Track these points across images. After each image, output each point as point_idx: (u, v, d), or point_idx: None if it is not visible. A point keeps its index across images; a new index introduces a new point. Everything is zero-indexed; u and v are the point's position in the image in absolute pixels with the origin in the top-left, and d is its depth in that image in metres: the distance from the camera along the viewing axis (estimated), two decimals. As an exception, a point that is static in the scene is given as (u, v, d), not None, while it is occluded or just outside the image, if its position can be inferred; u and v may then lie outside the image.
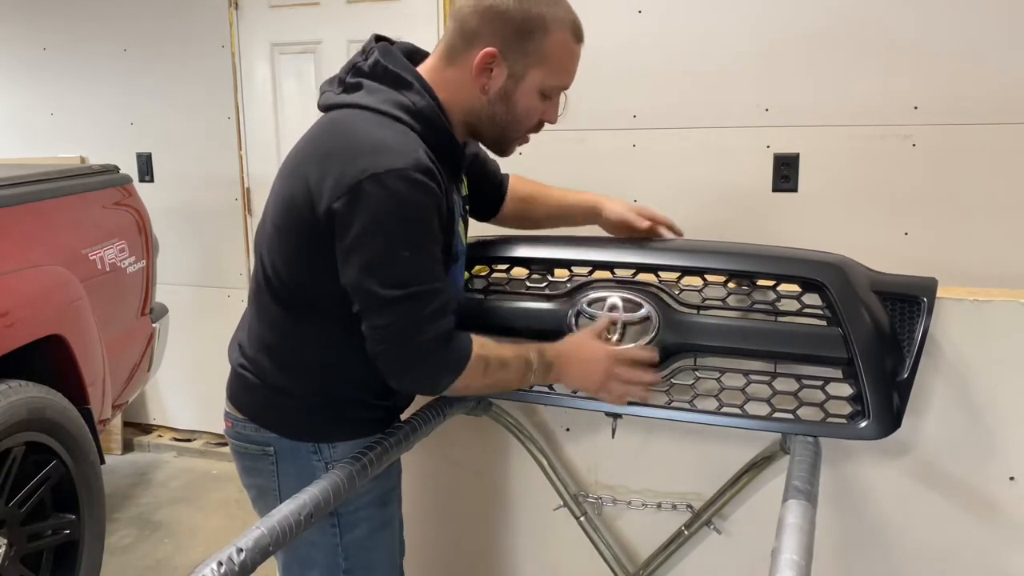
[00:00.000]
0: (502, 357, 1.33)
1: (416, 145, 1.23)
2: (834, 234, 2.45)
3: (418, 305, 1.23)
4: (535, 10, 1.26)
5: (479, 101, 1.30)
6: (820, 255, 1.45)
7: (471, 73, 1.28)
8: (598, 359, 1.39)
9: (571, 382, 1.43)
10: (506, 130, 1.35)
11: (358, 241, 1.21)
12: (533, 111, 1.34)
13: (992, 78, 2.29)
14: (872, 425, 1.36)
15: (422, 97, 1.27)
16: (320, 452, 1.38)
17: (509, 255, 1.59)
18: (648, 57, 2.58)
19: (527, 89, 1.30)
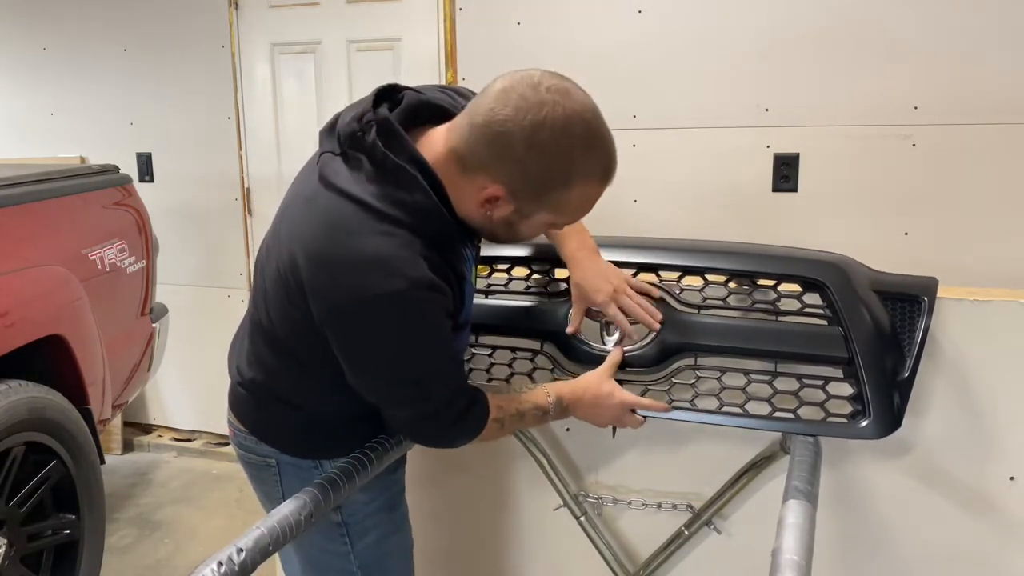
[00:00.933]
0: (518, 413, 1.35)
1: (415, 257, 1.13)
2: (834, 234, 2.45)
3: (433, 401, 1.24)
4: (558, 166, 1.12)
5: (480, 218, 1.19)
6: (820, 255, 1.45)
7: (475, 194, 1.16)
8: (612, 404, 1.41)
9: (583, 418, 1.45)
10: (504, 243, 1.31)
11: (357, 362, 1.20)
12: (538, 234, 1.27)
13: (992, 78, 2.29)
14: (873, 425, 1.36)
15: (426, 197, 1.14)
16: (322, 467, 1.37)
17: (510, 254, 1.59)
18: (648, 57, 2.58)
19: (533, 224, 1.21)
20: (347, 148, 1.18)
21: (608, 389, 1.41)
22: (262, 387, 1.35)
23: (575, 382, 1.42)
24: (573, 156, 1.13)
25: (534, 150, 1.10)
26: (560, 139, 1.11)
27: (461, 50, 2.79)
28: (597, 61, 2.61)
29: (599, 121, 1.17)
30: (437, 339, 1.20)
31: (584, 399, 1.40)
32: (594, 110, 1.17)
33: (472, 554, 1.90)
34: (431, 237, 1.16)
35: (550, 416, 1.38)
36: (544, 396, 1.37)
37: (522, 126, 1.09)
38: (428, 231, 1.16)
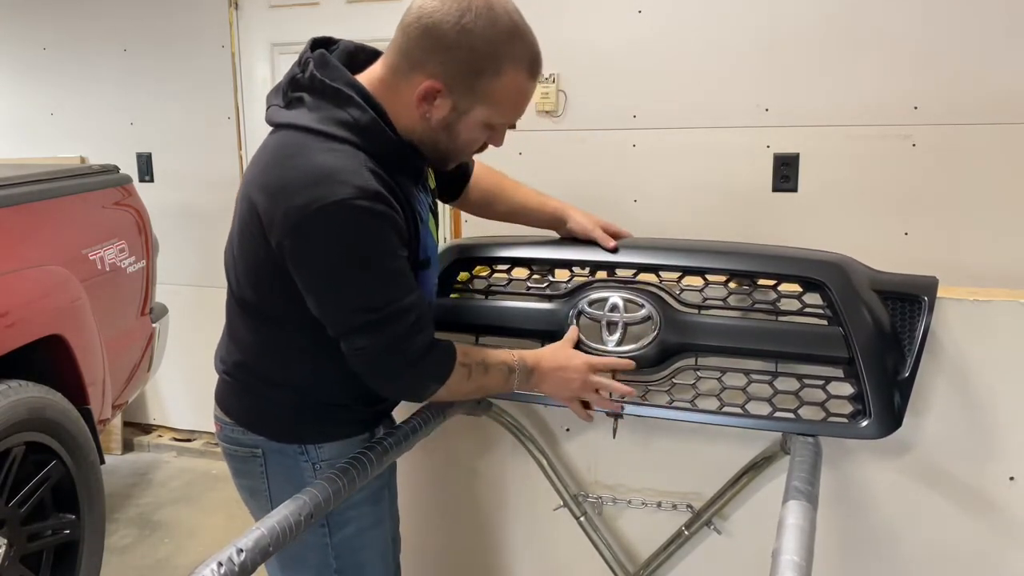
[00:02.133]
0: (484, 362, 1.35)
1: (360, 168, 1.17)
2: (834, 234, 2.45)
3: (393, 325, 1.23)
4: (488, 48, 1.18)
5: (420, 125, 1.24)
6: (821, 254, 1.45)
7: (413, 97, 1.21)
8: (575, 366, 1.40)
9: (549, 389, 1.43)
10: (447, 155, 1.31)
11: (316, 277, 1.21)
12: (476, 141, 1.29)
13: (992, 78, 2.29)
14: (873, 424, 1.36)
15: (363, 112, 1.20)
16: (307, 453, 1.38)
17: (510, 255, 1.59)
18: (648, 57, 2.58)
19: (471, 123, 1.25)
20: (289, 92, 1.25)
21: (570, 351, 1.42)
22: (243, 368, 1.37)
23: (538, 350, 1.43)
24: (500, 40, 1.19)
25: (463, 34, 1.17)
26: (487, 23, 1.17)
27: (461, 50, 2.79)
28: (597, 61, 2.61)
29: (522, 17, 1.23)
30: (389, 256, 1.21)
31: (545, 357, 1.40)
32: (516, 7, 1.23)
33: (472, 554, 1.90)
34: (376, 155, 1.21)
35: (515, 377, 1.37)
36: (509, 355, 1.37)
37: (450, 12, 1.17)
38: (371, 147, 1.20)
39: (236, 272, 1.32)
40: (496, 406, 1.70)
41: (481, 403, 1.65)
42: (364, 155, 1.19)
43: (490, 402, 1.68)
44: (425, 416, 1.49)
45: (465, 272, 1.63)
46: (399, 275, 1.23)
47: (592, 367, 1.41)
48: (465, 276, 1.64)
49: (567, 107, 2.67)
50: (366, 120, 1.20)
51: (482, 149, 1.34)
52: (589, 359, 1.42)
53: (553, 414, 1.76)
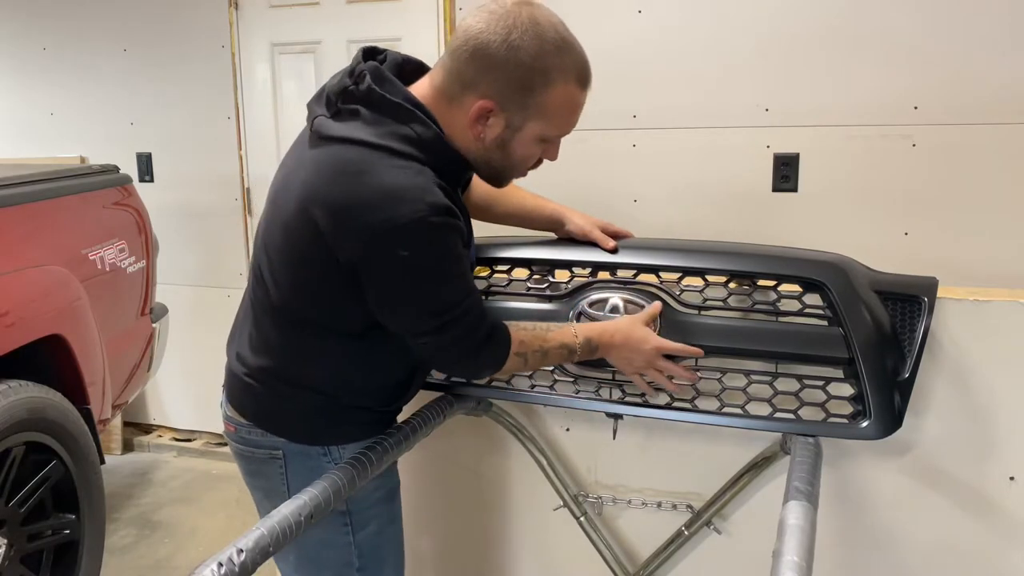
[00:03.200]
0: (541, 350, 1.37)
1: (430, 184, 1.19)
2: (834, 234, 2.45)
3: (458, 324, 1.26)
4: (537, 63, 1.19)
5: (474, 145, 1.26)
6: (820, 255, 1.45)
7: (466, 119, 1.23)
8: (645, 350, 1.41)
9: (614, 362, 1.44)
10: (502, 172, 1.34)
11: (393, 290, 1.23)
12: (531, 157, 1.31)
13: (992, 78, 2.29)
14: (873, 425, 1.36)
15: (427, 128, 1.22)
16: (330, 454, 1.38)
17: (510, 256, 1.59)
18: (648, 57, 2.58)
19: (525, 139, 1.27)
20: (339, 104, 1.25)
21: (642, 334, 1.41)
22: (268, 371, 1.36)
23: (607, 324, 1.43)
24: (548, 53, 1.20)
25: (512, 50, 1.18)
26: (533, 37, 1.19)
27: (461, 50, 2.79)
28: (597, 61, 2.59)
29: (567, 29, 1.24)
30: (458, 263, 1.25)
31: (615, 340, 1.40)
32: (561, 20, 1.24)
33: (472, 554, 1.90)
34: (439, 168, 1.22)
35: (577, 355, 1.39)
36: (572, 336, 1.38)
37: (496, 32, 1.18)
38: (435, 162, 1.22)
39: (275, 278, 1.31)
40: (496, 406, 1.70)
41: (481, 403, 1.65)
42: (431, 171, 1.21)
43: (490, 402, 1.68)
44: (425, 416, 1.49)
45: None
46: (465, 278, 1.28)
47: (661, 351, 1.41)
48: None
49: (567, 107, 2.66)
50: (430, 136, 1.22)
51: (537, 165, 1.35)
52: (660, 344, 1.41)
53: (553, 414, 1.76)
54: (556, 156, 1.35)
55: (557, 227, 1.59)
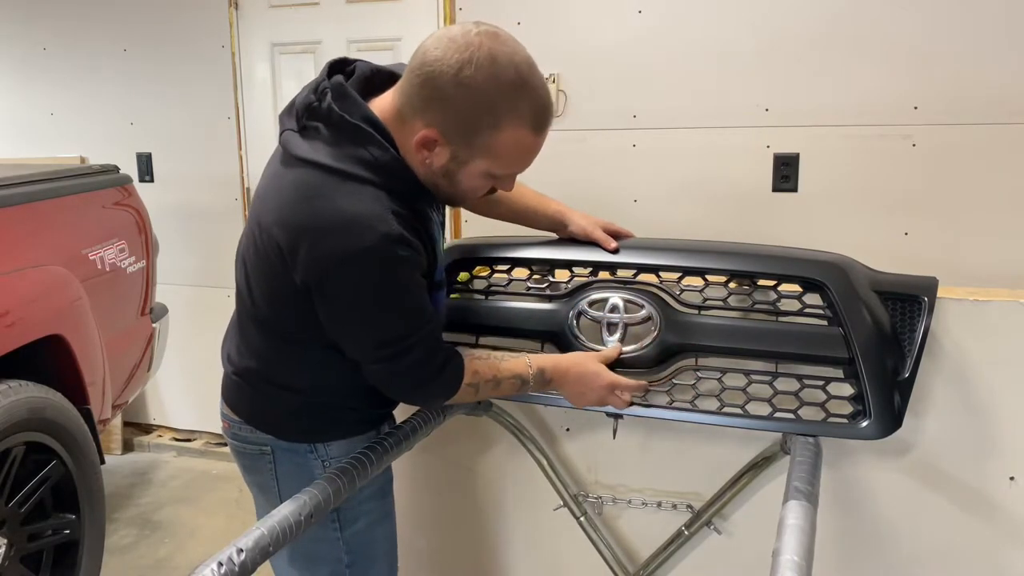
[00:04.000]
0: (495, 379, 1.36)
1: (384, 212, 1.17)
2: (834, 234, 2.45)
3: (409, 354, 1.26)
4: (485, 103, 1.15)
5: (422, 169, 1.23)
6: (821, 255, 1.46)
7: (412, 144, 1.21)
8: (599, 386, 1.42)
9: (565, 395, 1.46)
10: (451, 199, 1.32)
11: (341, 316, 1.23)
12: (480, 188, 1.27)
13: (992, 78, 2.29)
14: (873, 425, 1.36)
15: (384, 151, 1.20)
16: (316, 451, 1.39)
17: (510, 256, 1.59)
18: (648, 57, 2.58)
19: (472, 173, 1.23)
20: (305, 120, 1.24)
21: (595, 369, 1.42)
22: (256, 374, 1.37)
23: (561, 357, 1.43)
24: (500, 95, 1.15)
25: (461, 87, 1.14)
26: (487, 77, 1.14)
27: (461, 50, 2.79)
28: (597, 61, 2.61)
29: (531, 68, 1.18)
30: (412, 295, 1.24)
31: (570, 375, 1.41)
32: (526, 58, 1.18)
33: (472, 554, 1.90)
34: (397, 192, 1.21)
35: (530, 387, 1.39)
36: (525, 366, 1.38)
37: (449, 64, 1.14)
38: (392, 186, 1.21)
39: (251, 290, 1.33)
40: (496, 406, 1.70)
41: (481, 404, 1.65)
42: (385, 194, 1.19)
43: (490, 403, 1.68)
44: (425, 416, 1.49)
45: (465, 272, 1.63)
46: (419, 309, 1.27)
47: (615, 387, 1.42)
48: (465, 276, 1.64)
49: (567, 107, 2.67)
50: (386, 159, 1.20)
51: (491, 193, 1.33)
52: (614, 380, 1.42)
53: (553, 414, 1.76)
54: (511, 188, 1.33)
55: (559, 227, 1.59)
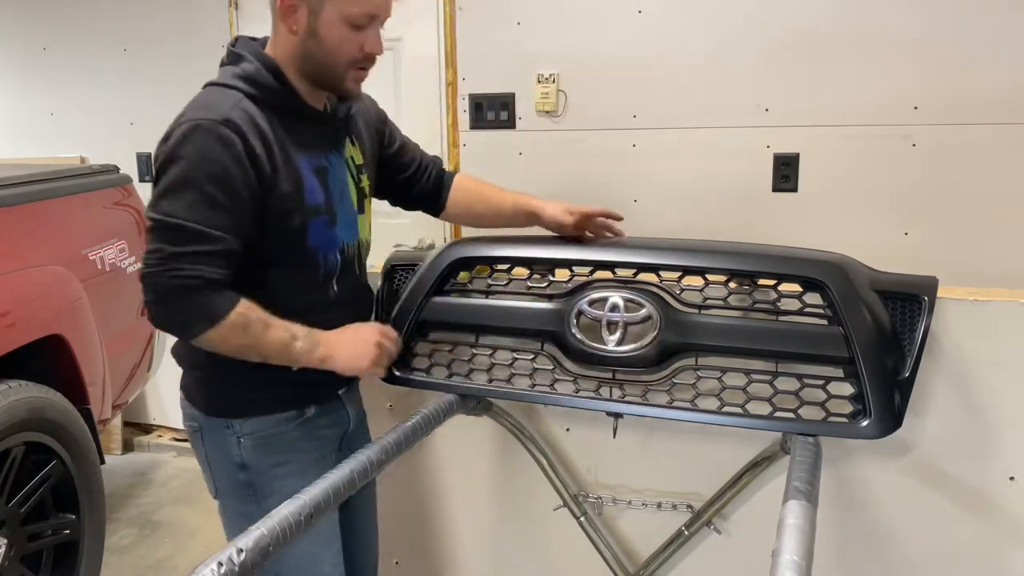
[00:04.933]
0: (266, 321, 1.33)
1: (231, 103, 1.30)
2: (834, 234, 2.45)
3: (184, 238, 1.26)
4: None
5: (296, 44, 1.35)
6: (821, 254, 1.45)
7: (281, 22, 1.35)
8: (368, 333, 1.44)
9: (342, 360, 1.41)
10: (327, 66, 1.36)
11: (157, 178, 1.31)
12: (345, 42, 1.34)
13: (992, 78, 2.29)
14: (873, 424, 1.36)
15: (251, 63, 1.35)
16: (232, 427, 1.43)
17: (510, 255, 1.59)
18: (648, 57, 2.58)
19: (329, 21, 1.32)
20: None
21: (358, 325, 1.45)
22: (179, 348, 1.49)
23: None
24: None
25: None
26: None
27: (461, 50, 2.79)
28: (597, 61, 2.61)
29: None
30: (217, 182, 1.27)
31: (337, 336, 1.41)
32: None
33: (472, 554, 1.90)
34: (263, 100, 1.33)
35: (299, 343, 1.35)
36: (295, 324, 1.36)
37: None
38: (261, 95, 1.33)
39: None
40: (496, 406, 1.70)
41: (481, 403, 1.65)
42: (248, 101, 1.32)
43: (490, 402, 1.68)
44: (425, 416, 1.49)
45: (465, 272, 1.63)
46: (212, 202, 1.27)
47: (382, 332, 1.45)
48: (465, 276, 1.64)
49: (567, 107, 2.67)
50: (252, 69, 1.35)
51: (367, 61, 1.38)
52: (379, 327, 1.46)
53: (553, 414, 1.76)
54: (376, 47, 1.37)
55: (536, 220, 1.62)
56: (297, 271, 1.40)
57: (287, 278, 1.40)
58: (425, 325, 1.62)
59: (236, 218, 1.29)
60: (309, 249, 1.39)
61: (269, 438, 1.44)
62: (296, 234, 1.37)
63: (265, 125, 1.32)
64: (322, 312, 1.42)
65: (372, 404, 1.67)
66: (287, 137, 1.34)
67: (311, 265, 1.40)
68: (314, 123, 1.41)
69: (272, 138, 1.32)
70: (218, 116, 1.28)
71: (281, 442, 1.44)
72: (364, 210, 1.51)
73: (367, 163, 1.54)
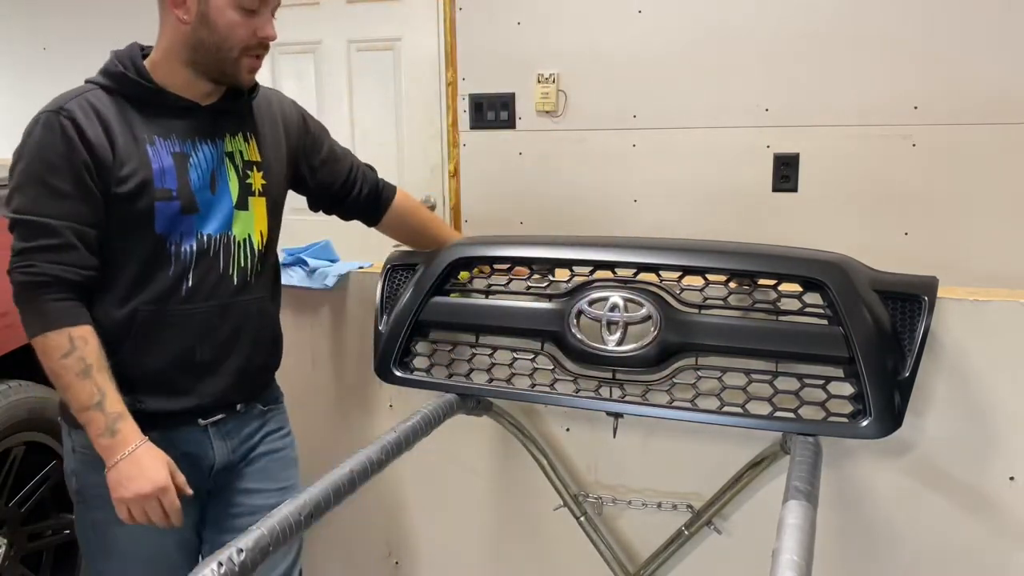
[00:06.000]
0: (88, 365, 1.26)
1: (76, 94, 1.33)
2: (834, 234, 2.45)
3: (32, 234, 1.28)
4: None
5: (186, 33, 1.33)
6: (821, 254, 1.45)
7: (171, 12, 1.33)
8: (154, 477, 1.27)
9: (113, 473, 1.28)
10: (220, 52, 1.35)
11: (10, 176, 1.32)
12: (237, 26, 1.33)
13: (992, 78, 2.29)
14: (873, 424, 1.36)
15: (111, 60, 1.38)
16: (70, 435, 1.41)
17: (510, 255, 1.59)
18: (648, 57, 2.58)
19: (219, 6, 1.31)
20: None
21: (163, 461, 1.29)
22: None
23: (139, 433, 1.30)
24: None
25: None
26: None
27: (461, 50, 2.79)
28: (597, 61, 2.61)
29: None
30: (51, 169, 1.28)
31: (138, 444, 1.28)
32: None
33: (472, 554, 1.90)
34: (118, 91, 1.35)
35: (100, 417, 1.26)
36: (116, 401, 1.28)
37: None
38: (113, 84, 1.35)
39: None
40: (496, 406, 1.70)
41: (481, 403, 1.65)
42: (100, 90, 1.35)
43: (490, 402, 1.68)
44: (425, 416, 1.49)
45: (465, 272, 1.63)
46: (54, 192, 1.28)
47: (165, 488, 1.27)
48: (465, 276, 1.64)
49: (567, 107, 2.67)
50: (108, 63, 1.38)
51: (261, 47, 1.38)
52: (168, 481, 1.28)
53: (553, 414, 1.76)
54: (268, 32, 1.38)
55: None
56: (148, 261, 1.34)
57: (137, 266, 1.34)
58: (425, 325, 1.62)
59: (82, 205, 1.29)
60: (158, 236, 1.34)
61: (95, 457, 1.30)
62: (142, 217, 1.33)
63: (109, 112, 1.32)
64: (174, 304, 1.36)
65: (372, 404, 1.67)
66: (141, 123, 1.34)
67: (161, 254, 1.35)
68: (176, 111, 1.38)
69: (115, 123, 1.32)
70: (54, 107, 1.31)
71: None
72: (247, 207, 1.43)
73: (266, 162, 1.47)
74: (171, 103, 1.38)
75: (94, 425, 1.27)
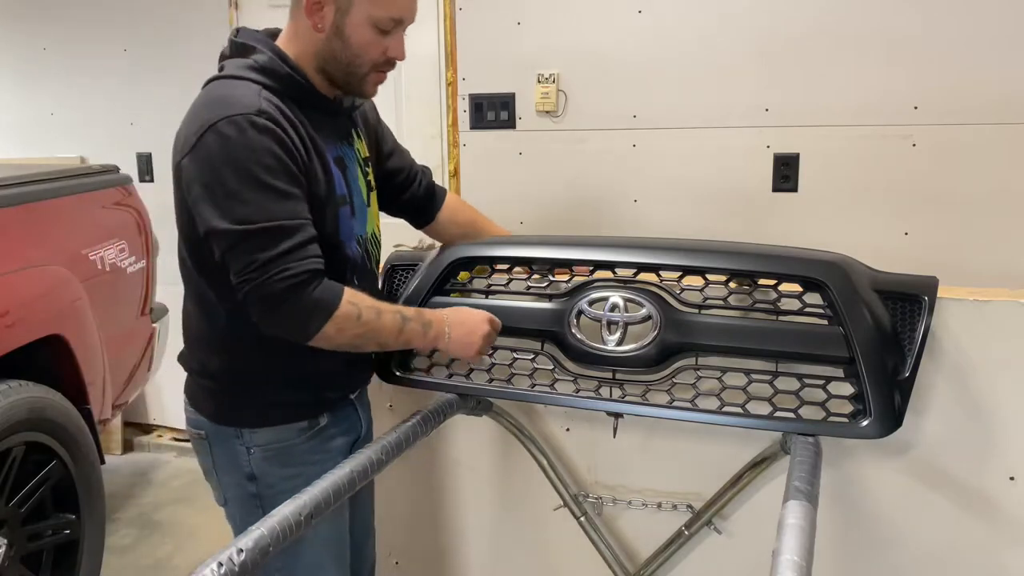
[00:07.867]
0: (376, 307, 1.34)
1: (255, 94, 1.27)
2: (834, 234, 2.45)
3: (272, 240, 1.24)
4: None
5: (319, 42, 1.33)
6: (821, 254, 1.45)
7: (306, 18, 1.32)
8: (480, 321, 1.45)
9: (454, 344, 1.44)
10: (350, 66, 1.35)
11: (204, 189, 1.26)
12: (370, 45, 1.34)
13: (992, 78, 2.29)
14: (873, 424, 1.36)
15: (264, 54, 1.33)
16: (242, 437, 1.41)
17: (510, 255, 1.59)
18: (648, 57, 2.58)
19: (356, 22, 1.31)
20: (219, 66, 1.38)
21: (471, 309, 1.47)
22: (187, 354, 1.46)
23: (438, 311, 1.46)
24: None
25: None
26: None
27: (461, 50, 2.79)
28: (597, 61, 2.61)
29: None
30: (269, 172, 1.24)
31: (451, 316, 1.44)
32: None
33: (471, 554, 1.90)
34: (281, 91, 1.31)
35: (410, 325, 1.37)
36: (404, 307, 1.41)
37: None
38: (277, 85, 1.31)
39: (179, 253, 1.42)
40: (496, 406, 1.70)
41: (481, 403, 1.65)
42: (266, 91, 1.29)
43: (490, 402, 1.68)
44: (425, 416, 1.49)
45: (465, 272, 1.63)
46: (285, 196, 1.26)
47: (491, 320, 1.47)
48: (465, 276, 1.64)
49: (567, 107, 2.66)
50: (264, 59, 1.32)
51: (388, 65, 1.38)
52: (488, 315, 1.47)
53: (553, 414, 1.76)
54: (401, 53, 1.38)
55: None
56: (329, 265, 1.33)
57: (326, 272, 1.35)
58: (425, 325, 1.62)
59: (302, 202, 1.29)
60: (339, 241, 1.38)
61: (279, 451, 1.41)
62: (329, 225, 1.35)
63: (290, 114, 1.30)
64: None
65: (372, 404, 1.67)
66: (311, 126, 1.33)
67: (340, 258, 1.39)
68: (329, 114, 1.40)
69: (300, 128, 1.31)
70: (251, 109, 1.25)
71: (291, 454, 1.42)
72: (371, 203, 1.50)
73: (370, 158, 1.54)
74: (324, 106, 1.38)
75: (415, 336, 1.38)
